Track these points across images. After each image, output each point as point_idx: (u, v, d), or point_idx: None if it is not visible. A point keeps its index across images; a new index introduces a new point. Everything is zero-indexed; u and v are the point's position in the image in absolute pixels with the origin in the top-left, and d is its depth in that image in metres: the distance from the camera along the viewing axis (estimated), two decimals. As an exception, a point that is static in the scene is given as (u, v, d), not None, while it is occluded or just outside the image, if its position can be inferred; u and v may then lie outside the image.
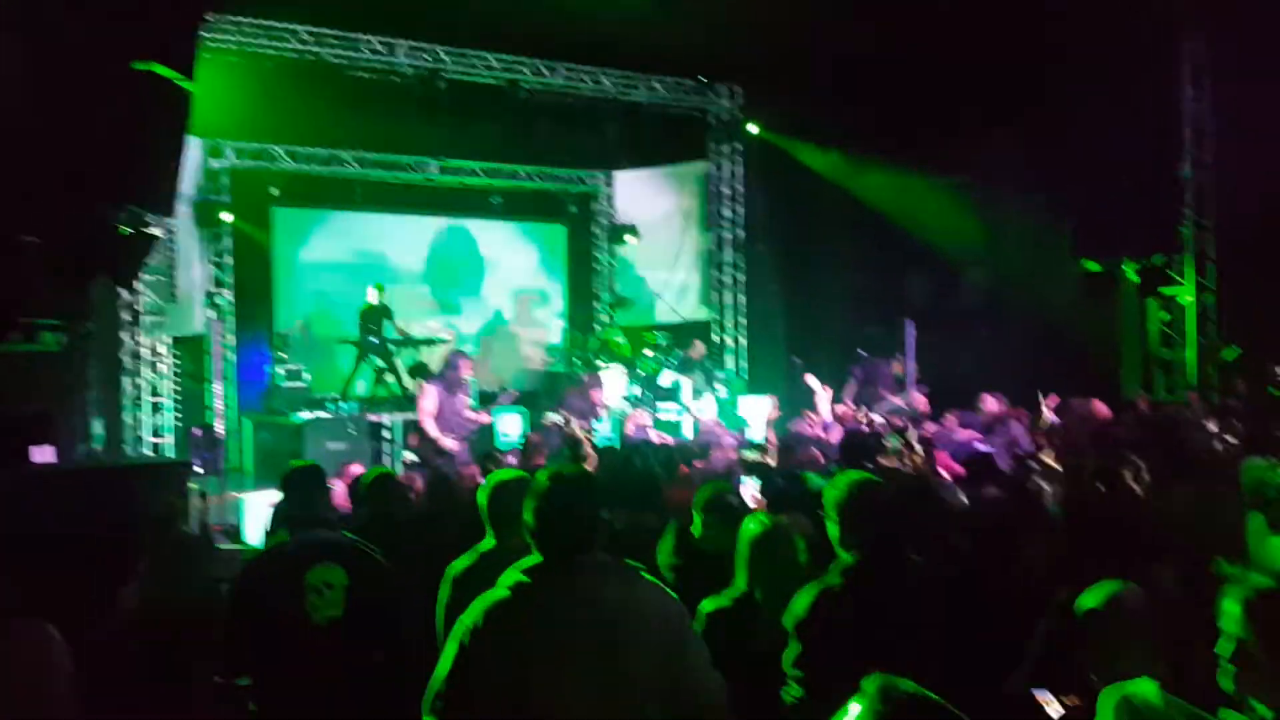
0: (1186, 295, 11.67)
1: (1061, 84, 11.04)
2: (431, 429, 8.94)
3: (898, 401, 11.04)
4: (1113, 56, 10.53)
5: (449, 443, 8.78)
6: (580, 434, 7.38)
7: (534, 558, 2.71)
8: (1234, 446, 6.01)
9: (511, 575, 2.69)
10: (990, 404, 9.09)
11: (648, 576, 2.76)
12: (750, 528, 3.49)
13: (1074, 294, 11.87)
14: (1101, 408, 8.66)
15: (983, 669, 3.11)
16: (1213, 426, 6.41)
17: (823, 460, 6.50)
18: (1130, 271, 12.26)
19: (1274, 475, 4.55)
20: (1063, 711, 2.71)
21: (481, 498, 3.72)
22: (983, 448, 7.30)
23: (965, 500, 4.76)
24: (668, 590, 2.79)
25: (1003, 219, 12.62)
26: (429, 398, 9.05)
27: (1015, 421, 8.72)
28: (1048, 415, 7.81)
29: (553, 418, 9.76)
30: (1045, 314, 11.96)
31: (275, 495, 7.81)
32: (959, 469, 6.08)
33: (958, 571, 3.73)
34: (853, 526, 3.16)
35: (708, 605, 3.41)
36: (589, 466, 6.03)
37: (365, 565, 3.88)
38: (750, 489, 4.59)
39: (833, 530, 3.23)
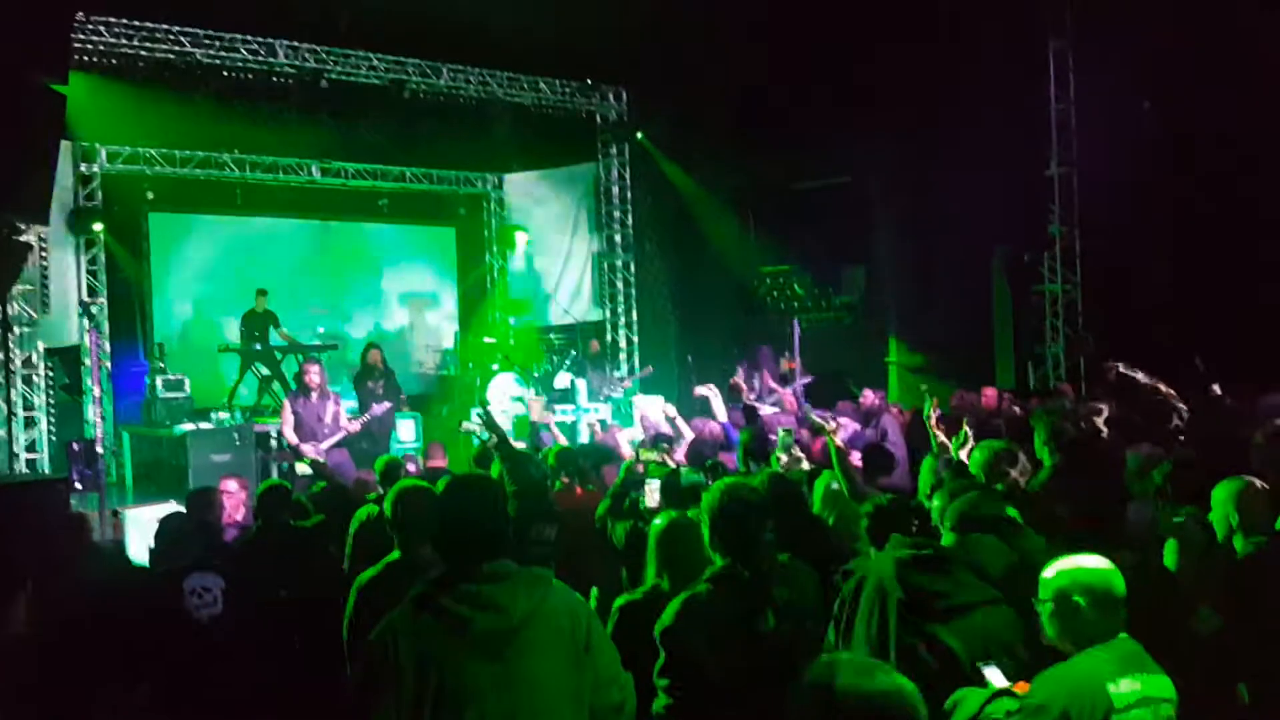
0: (1054, 291, 12.23)
1: (935, 83, 11.44)
2: (290, 439, 8.82)
3: (783, 392, 11.34)
4: (985, 57, 10.98)
5: (308, 450, 8.65)
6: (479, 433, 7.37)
7: (441, 567, 2.73)
8: (1113, 434, 6.35)
9: (419, 587, 2.70)
10: (868, 397, 9.45)
11: (555, 582, 2.81)
12: (657, 524, 3.58)
13: (949, 290, 12.33)
14: (991, 396, 9.06)
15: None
16: (1101, 415, 6.76)
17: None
18: (1001, 267, 12.83)
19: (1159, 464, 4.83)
20: (1006, 684, 2.84)
21: (387, 507, 3.72)
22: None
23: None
24: (575, 594, 2.84)
25: (878, 218, 13.06)
26: (284, 411, 8.94)
27: (888, 414, 9.08)
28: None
29: (468, 425, 9.70)
30: (922, 309, 12.44)
31: (158, 510, 7.63)
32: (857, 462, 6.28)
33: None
34: (720, 533, 3.24)
35: (620, 600, 3.49)
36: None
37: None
38: (653, 490, 4.68)
39: (705, 535, 3.30)
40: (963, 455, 5.49)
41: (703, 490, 3.87)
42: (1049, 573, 2.88)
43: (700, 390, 8.96)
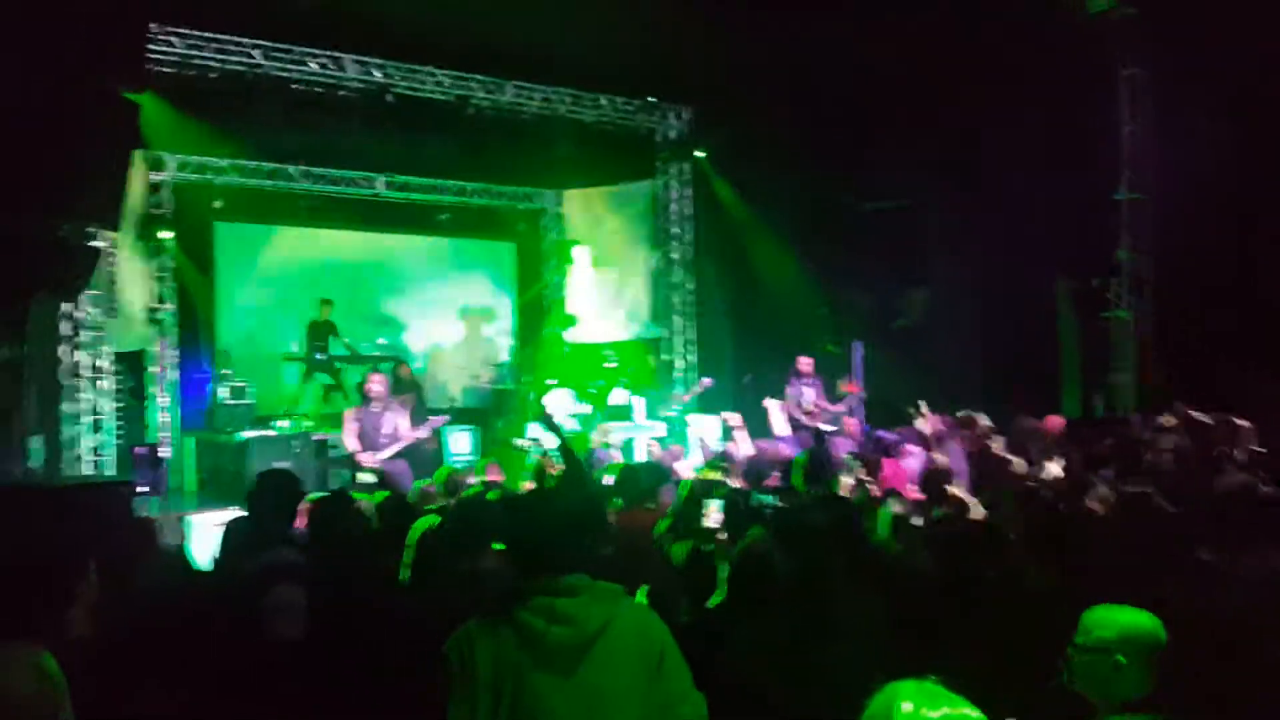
0: (1123, 318, 11.96)
1: (1002, 109, 11.29)
2: (350, 448, 8.87)
3: (839, 409, 11.20)
4: (1055, 82, 10.82)
5: (366, 459, 8.69)
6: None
7: (505, 579, 2.73)
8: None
9: (495, 599, 2.70)
10: (932, 422, 9.27)
11: (627, 597, 2.78)
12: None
13: (1016, 316, 12.11)
14: (1057, 424, 8.86)
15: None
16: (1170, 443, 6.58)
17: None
18: (1066, 293, 12.58)
19: None
20: None
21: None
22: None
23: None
24: (649, 610, 2.80)
25: (939, 242, 12.89)
26: (347, 421, 8.98)
27: (955, 442, 8.90)
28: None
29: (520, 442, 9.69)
30: (988, 335, 12.22)
31: (221, 515, 7.70)
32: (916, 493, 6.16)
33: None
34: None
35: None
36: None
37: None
38: (714, 511, 4.59)
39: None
40: None
41: (767, 510, 3.81)
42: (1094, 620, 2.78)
43: (767, 402, 8.87)
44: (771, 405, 8.52)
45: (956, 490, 5.39)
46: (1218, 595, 3.82)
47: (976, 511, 5.18)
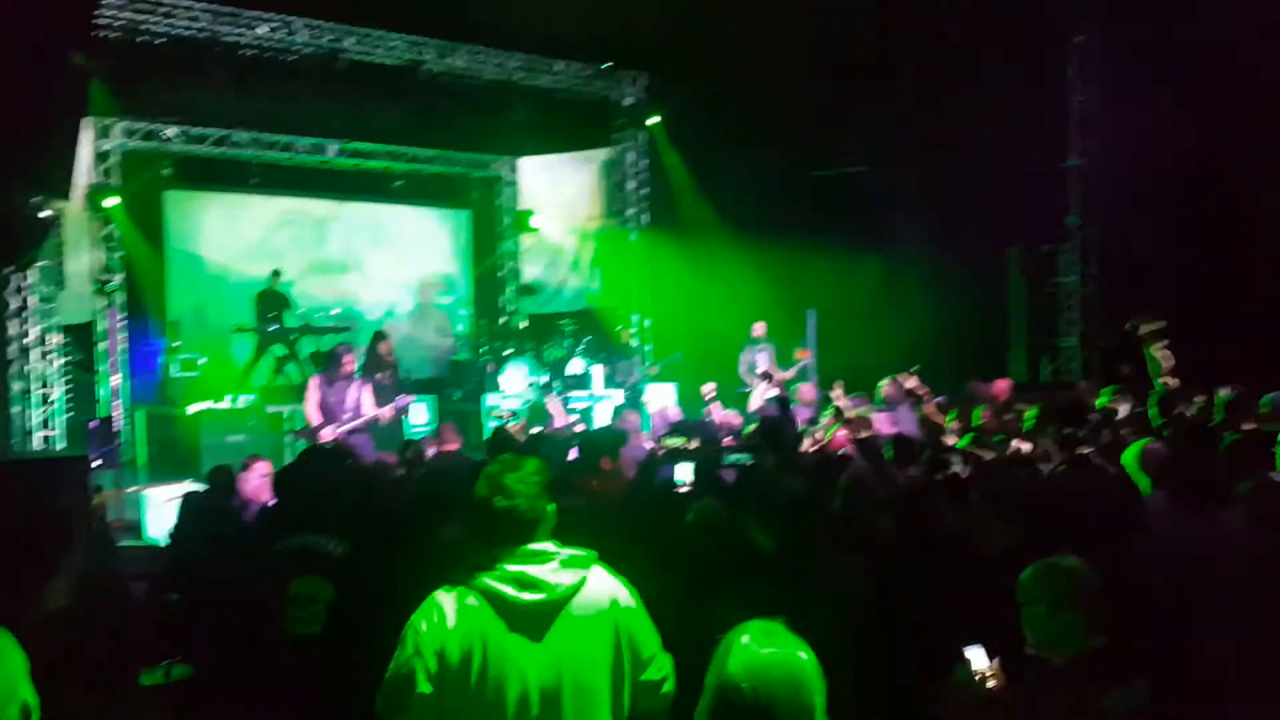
0: (1070, 284, 12.18)
1: (953, 77, 11.39)
2: (313, 420, 8.81)
3: (789, 375, 11.40)
4: (1005, 51, 10.92)
5: (325, 431, 8.65)
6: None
7: (482, 547, 2.75)
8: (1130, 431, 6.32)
9: (462, 567, 2.72)
10: (888, 389, 9.43)
11: (597, 562, 2.82)
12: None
13: (968, 282, 12.28)
14: (1004, 387, 9.03)
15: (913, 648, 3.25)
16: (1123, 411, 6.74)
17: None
18: (1017, 260, 12.77)
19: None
20: (992, 673, 2.83)
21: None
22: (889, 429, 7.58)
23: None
24: (616, 575, 2.85)
25: (894, 208, 13.01)
26: (311, 391, 8.91)
27: (906, 407, 9.07)
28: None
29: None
30: (939, 301, 12.38)
31: (174, 489, 7.65)
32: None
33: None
34: None
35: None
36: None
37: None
38: (684, 474, 4.65)
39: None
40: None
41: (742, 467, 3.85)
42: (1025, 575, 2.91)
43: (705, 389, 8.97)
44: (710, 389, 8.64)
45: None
46: (1164, 552, 3.97)
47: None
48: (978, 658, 2.86)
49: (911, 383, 8.08)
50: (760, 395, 8.44)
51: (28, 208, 7.43)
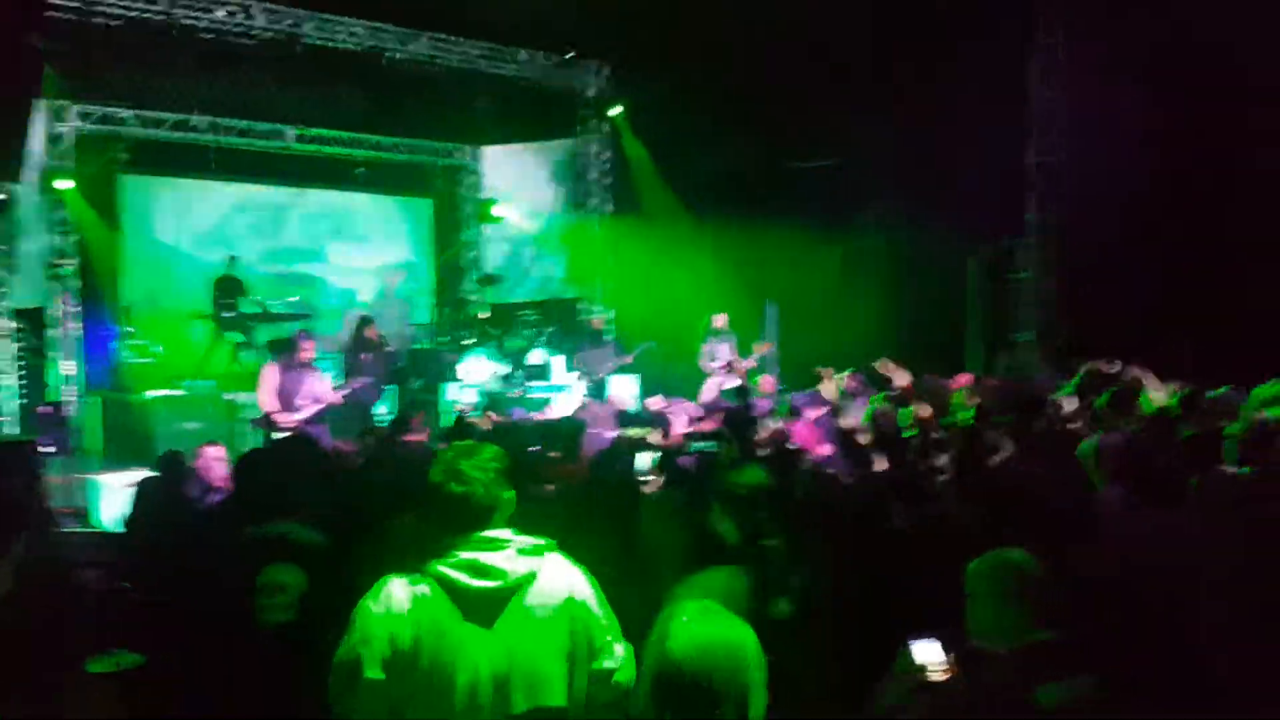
0: (1028, 279, 12.29)
1: (917, 72, 11.45)
2: (269, 407, 8.72)
3: (749, 364, 11.49)
4: (969, 46, 10.99)
5: (282, 419, 8.58)
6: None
7: (436, 535, 2.74)
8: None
9: (414, 553, 2.71)
10: (847, 383, 9.50)
11: (553, 549, 2.81)
12: None
13: (927, 276, 12.37)
14: (963, 381, 9.11)
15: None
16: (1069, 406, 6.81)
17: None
18: (976, 255, 12.89)
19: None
20: (938, 666, 2.83)
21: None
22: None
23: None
24: (573, 562, 2.85)
25: (858, 203, 13.07)
26: (267, 377, 8.82)
27: (862, 400, 9.13)
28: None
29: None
30: (898, 295, 12.47)
31: (128, 476, 7.54)
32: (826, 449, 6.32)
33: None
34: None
35: None
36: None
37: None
38: (643, 463, 4.65)
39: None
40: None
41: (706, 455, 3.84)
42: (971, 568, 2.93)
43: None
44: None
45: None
46: (1117, 546, 4.02)
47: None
48: (925, 650, 2.86)
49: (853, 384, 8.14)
50: (714, 386, 8.45)
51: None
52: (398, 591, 2.66)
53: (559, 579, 2.77)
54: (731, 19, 11.36)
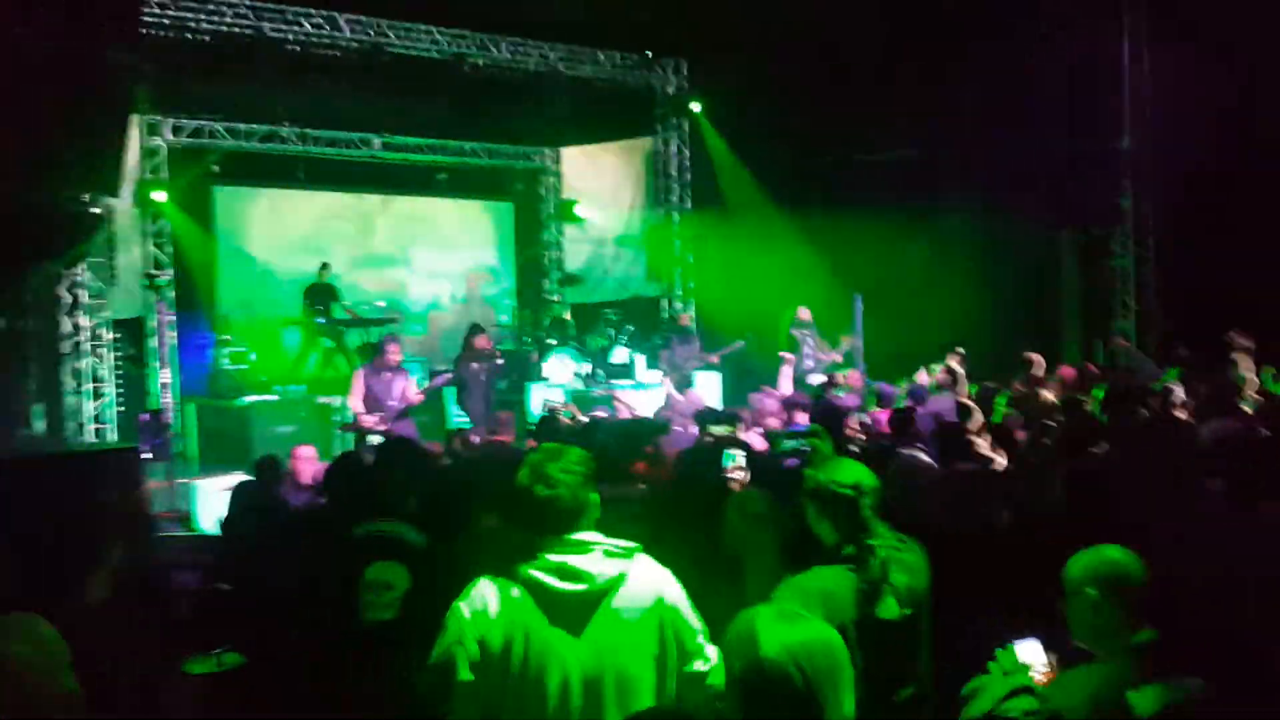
0: (1125, 266, 11.91)
1: (1002, 57, 11.17)
2: (357, 411, 8.86)
3: (834, 357, 11.31)
4: (1056, 31, 10.70)
5: (370, 421, 8.70)
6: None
7: (522, 537, 2.73)
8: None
9: (504, 556, 2.70)
10: (942, 376, 9.30)
11: (640, 552, 2.78)
12: None
13: (1019, 266, 12.05)
14: (1068, 372, 8.86)
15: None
16: (1179, 395, 6.57)
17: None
18: (1070, 243, 12.51)
19: None
20: (1044, 668, 2.73)
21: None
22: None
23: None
24: (660, 566, 2.81)
25: (943, 192, 12.79)
26: (356, 383, 8.96)
27: (951, 394, 8.92)
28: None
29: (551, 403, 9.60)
30: (990, 286, 12.16)
31: (225, 480, 7.73)
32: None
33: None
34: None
35: None
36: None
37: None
38: (738, 464, 4.56)
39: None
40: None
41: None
42: (1071, 564, 2.78)
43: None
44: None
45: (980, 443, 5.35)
46: (1224, 543, 3.83)
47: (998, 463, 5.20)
48: (1027, 651, 2.77)
49: (955, 362, 7.94)
50: (787, 374, 8.30)
51: (72, 204, 7.52)
52: (488, 594, 2.65)
53: (647, 582, 2.73)
54: (803, 11, 11.20)
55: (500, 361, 11.08)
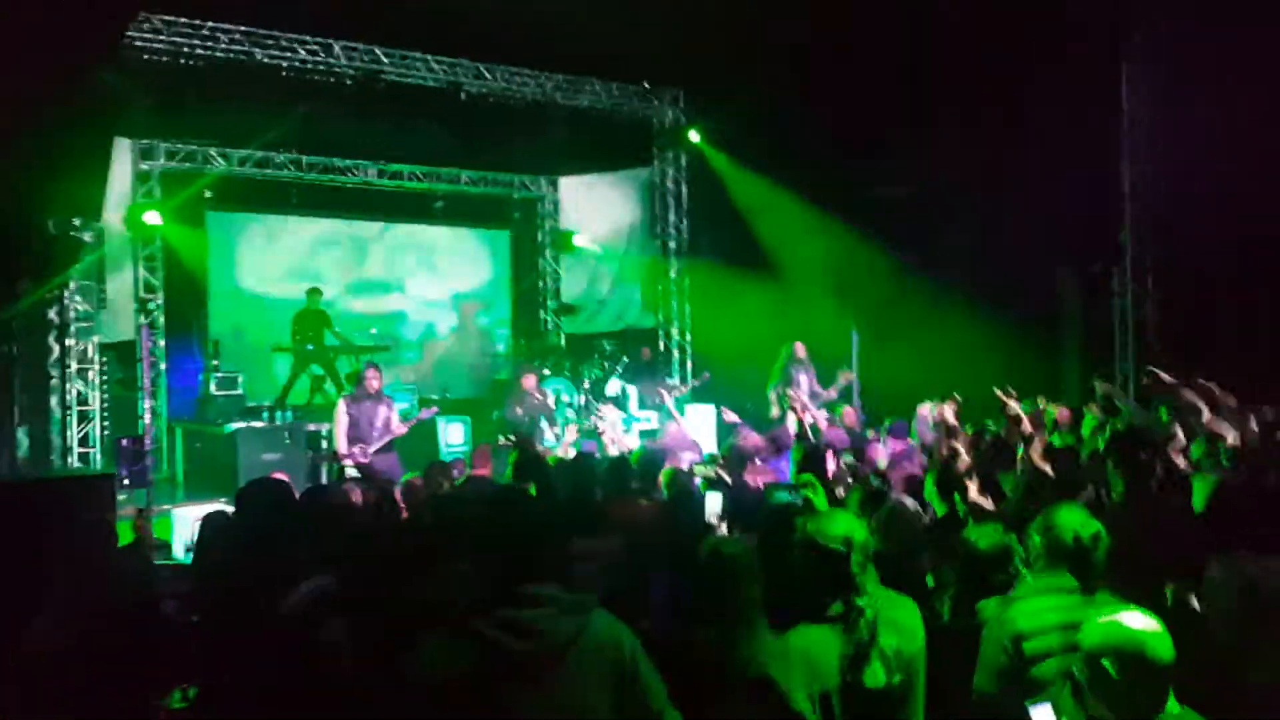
0: (1125, 303, 11.78)
1: (1003, 93, 11.12)
2: (341, 445, 8.71)
3: (831, 395, 11.14)
4: (1056, 67, 10.63)
5: (355, 454, 8.55)
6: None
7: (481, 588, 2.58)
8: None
9: (456, 612, 2.55)
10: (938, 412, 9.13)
11: (599, 610, 2.63)
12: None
13: (1018, 303, 11.93)
14: (1065, 416, 8.71)
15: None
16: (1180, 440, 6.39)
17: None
18: (1069, 280, 12.40)
19: None
20: None
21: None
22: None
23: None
24: (619, 623, 2.66)
25: (942, 228, 12.69)
26: (338, 414, 8.81)
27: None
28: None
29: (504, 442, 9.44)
30: (988, 322, 12.04)
31: (204, 508, 7.56)
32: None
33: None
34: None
35: None
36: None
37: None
38: (713, 505, 4.40)
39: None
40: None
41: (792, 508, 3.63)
42: (1084, 631, 2.60)
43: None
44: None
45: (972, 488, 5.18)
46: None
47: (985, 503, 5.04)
48: (1041, 715, 2.63)
49: (950, 412, 7.76)
50: (793, 423, 8.18)
51: (57, 228, 7.42)
52: (440, 650, 2.51)
53: (605, 638, 2.59)
54: (803, 45, 11.15)
55: (549, 404, 10.81)
